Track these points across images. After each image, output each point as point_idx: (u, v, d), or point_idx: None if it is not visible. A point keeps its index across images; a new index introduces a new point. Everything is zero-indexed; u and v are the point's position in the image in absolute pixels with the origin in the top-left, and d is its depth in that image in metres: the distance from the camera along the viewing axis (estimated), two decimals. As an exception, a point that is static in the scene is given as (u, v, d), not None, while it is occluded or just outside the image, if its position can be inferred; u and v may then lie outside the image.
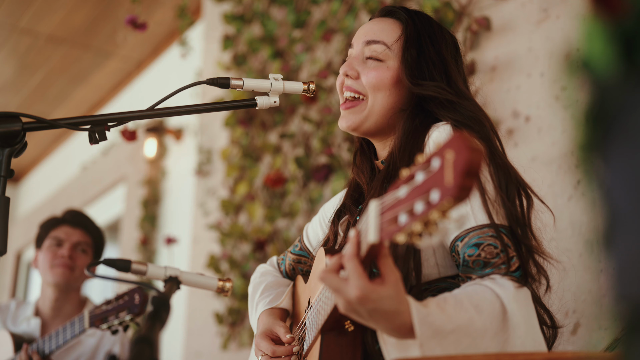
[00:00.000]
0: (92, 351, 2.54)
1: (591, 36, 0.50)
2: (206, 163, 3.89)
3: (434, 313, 1.04)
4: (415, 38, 1.45)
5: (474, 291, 1.13)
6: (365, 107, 1.45)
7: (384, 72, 1.44)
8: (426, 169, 0.84)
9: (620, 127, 0.49)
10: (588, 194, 0.53)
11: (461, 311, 1.07)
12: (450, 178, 0.79)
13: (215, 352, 3.51)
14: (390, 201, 0.91)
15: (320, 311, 1.25)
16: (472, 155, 0.78)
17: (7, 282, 6.73)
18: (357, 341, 1.22)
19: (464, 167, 0.78)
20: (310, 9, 3.23)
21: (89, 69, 5.29)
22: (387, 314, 1.00)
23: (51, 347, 2.29)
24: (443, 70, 1.44)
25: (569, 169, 1.96)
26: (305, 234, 1.73)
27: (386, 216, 0.91)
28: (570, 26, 2.05)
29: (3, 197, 1.20)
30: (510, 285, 1.14)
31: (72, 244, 2.56)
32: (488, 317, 1.08)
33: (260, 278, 1.70)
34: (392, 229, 0.89)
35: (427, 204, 0.82)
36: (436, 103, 1.41)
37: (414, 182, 0.86)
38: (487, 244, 1.20)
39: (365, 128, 1.47)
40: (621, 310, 0.48)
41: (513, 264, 1.19)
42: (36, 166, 6.97)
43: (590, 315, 1.81)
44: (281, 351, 1.41)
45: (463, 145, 0.79)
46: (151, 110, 1.35)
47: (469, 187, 0.78)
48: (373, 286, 0.98)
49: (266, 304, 1.57)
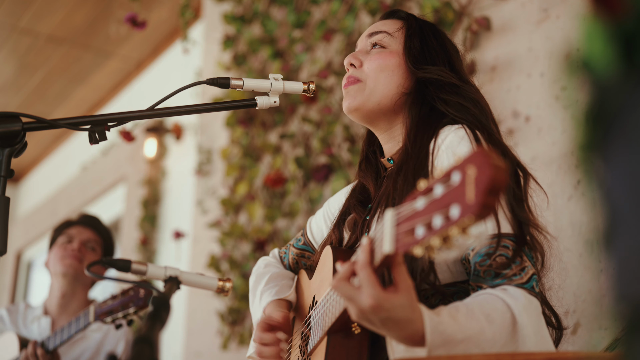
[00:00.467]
0: (96, 346, 2.57)
1: (591, 36, 0.50)
2: (206, 163, 3.89)
3: (446, 322, 1.04)
4: (418, 30, 1.50)
5: (485, 300, 1.13)
6: (364, 86, 1.46)
7: (386, 56, 1.47)
8: (446, 182, 0.83)
9: (620, 127, 0.49)
10: (588, 194, 0.53)
11: (472, 320, 1.07)
12: (472, 195, 0.78)
13: (215, 352, 3.51)
14: (407, 212, 0.90)
15: (328, 313, 1.25)
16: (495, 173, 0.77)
17: (7, 282, 6.73)
18: (364, 343, 1.22)
19: (487, 185, 0.76)
20: (310, 9, 3.23)
21: (89, 69, 5.29)
22: (399, 322, 1.00)
23: (56, 343, 2.32)
24: (446, 58, 1.48)
25: (569, 169, 1.96)
26: (308, 228, 1.72)
27: (402, 227, 0.91)
28: (570, 26, 2.05)
29: (3, 197, 1.20)
30: (522, 296, 1.14)
31: (82, 240, 2.65)
32: (498, 328, 1.08)
33: (264, 269, 1.69)
34: (408, 241, 0.89)
35: (446, 219, 0.81)
36: (439, 87, 1.42)
37: (432, 194, 0.85)
38: (499, 255, 1.18)
39: (369, 108, 1.46)
40: (621, 310, 0.48)
41: (525, 275, 1.18)
42: (36, 166, 6.97)
43: (590, 315, 1.81)
44: (267, 338, 1.42)
45: (486, 161, 0.77)
46: (151, 110, 1.35)
47: (491, 205, 0.77)
48: (387, 295, 0.98)
49: (273, 294, 1.56)
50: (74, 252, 2.61)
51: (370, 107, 1.46)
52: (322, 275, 1.43)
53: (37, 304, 2.77)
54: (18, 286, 6.69)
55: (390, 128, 1.49)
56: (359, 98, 1.46)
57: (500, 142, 1.34)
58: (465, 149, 1.28)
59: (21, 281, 6.70)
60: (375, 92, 1.45)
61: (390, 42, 1.49)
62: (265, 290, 1.59)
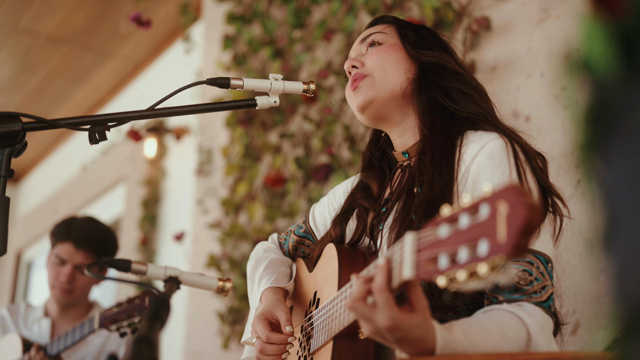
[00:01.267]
0: (98, 350, 2.57)
1: (591, 36, 0.50)
2: (206, 163, 3.89)
3: (458, 339, 1.04)
4: (408, 25, 1.53)
5: (499, 318, 1.12)
6: (374, 80, 1.45)
7: (386, 48, 1.48)
8: (473, 214, 0.81)
9: (620, 127, 0.49)
10: (588, 194, 0.53)
11: (486, 338, 1.07)
12: (503, 234, 0.75)
13: (215, 352, 3.51)
14: (428, 239, 0.88)
15: (334, 319, 1.24)
16: (530, 214, 0.74)
17: (7, 282, 6.73)
18: (369, 348, 1.22)
19: (521, 227, 0.74)
20: (310, 9, 3.23)
21: (89, 69, 5.29)
22: (413, 341, 1.00)
23: (59, 348, 2.33)
24: (442, 47, 1.50)
25: (569, 169, 1.96)
26: (311, 215, 1.70)
27: (424, 254, 0.89)
28: (570, 26, 2.05)
29: (3, 197, 1.20)
30: (539, 314, 1.13)
31: (74, 264, 2.55)
32: (512, 346, 1.08)
33: (263, 254, 1.68)
34: (430, 269, 0.87)
35: (473, 254, 0.79)
36: (439, 74, 1.43)
37: (457, 225, 0.83)
38: (523, 270, 1.17)
39: (383, 99, 1.44)
40: (621, 310, 0.48)
41: (544, 294, 1.17)
42: (36, 166, 6.97)
43: (590, 315, 1.81)
44: (276, 339, 1.40)
45: (520, 201, 0.75)
46: (151, 110, 1.35)
47: (524, 246, 0.75)
48: (404, 316, 0.98)
49: (271, 281, 1.54)
50: (63, 284, 2.53)
51: (384, 97, 1.44)
52: (325, 274, 1.42)
53: (38, 304, 2.77)
54: (18, 286, 6.69)
55: (403, 120, 1.47)
56: (372, 91, 1.44)
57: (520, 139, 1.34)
58: (498, 173, 1.25)
59: (21, 281, 6.70)
60: (386, 82, 1.44)
61: (385, 38, 1.50)
62: (263, 276, 1.57)
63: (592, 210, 0.51)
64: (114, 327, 2.10)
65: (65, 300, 2.59)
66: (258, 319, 1.44)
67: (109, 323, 2.12)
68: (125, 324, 2.07)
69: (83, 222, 2.62)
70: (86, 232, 2.57)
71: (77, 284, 2.57)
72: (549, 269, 1.20)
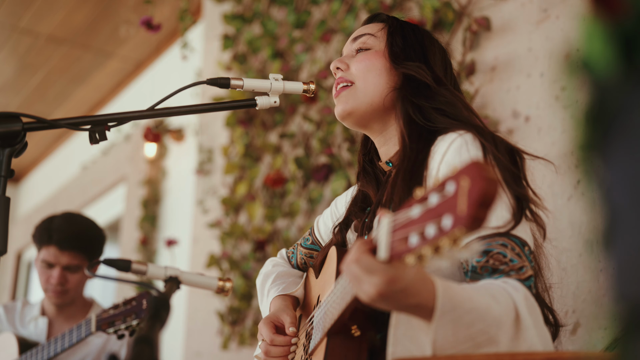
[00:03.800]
0: (98, 352, 2.56)
1: (591, 36, 0.50)
2: (207, 162, 3.89)
3: (455, 288, 1.04)
4: (399, 29, 1.53)
5: (489, 284, 1.13)
6: (355, 90, 1.47)
7: (371, 56, 1.49)
8: (441, 191, 0.83)
9: (620, 127, 0.49)
10: (588, 194, 0.53)
11: (479, 296, 1.07)
12: (463, 207, 0.78)
13: (215, 352, 3.51)
14: (402, 220, 0.90)
15: (328, 314, 1.25)
16: (487, 186, 0.76)
17: (7, 282, 6.73)
18: (363, 346, 1.22)
19: (478, 198, 0.76)
20: (310, 9, 3.23)
21: (89, 69, 5.29)
22: (413, 288, 0.99)
23: (56, 350, 2.31)
24: (422, 54, 1.49)
25: (569, 169, 1.96)
26: (316, 227, 1.72)
27: (397, 235, 0.91)
28: (570, 26, 2.05)
29: (3, 197, 1.20)
30: (521, 288, 1.13)
31: (62, 266, 2.52)
32: (504, 309, 1.07)
33: (272, 268, 1.70)
34: (402, 249, 0.89)
35: (439, 229, 0.81)
36: (413, 86, 1.43)
37: (427, 203, 0.85)
38: (496, 252, 1.18)
39: (362, 110, 1.46)
40: (621, 310, 0.48)
41: (523, 274, 1.17)
42: (36, 166, 6.97)
43: (590, 315, 1.81)
44: (279, 340, 1.42)
45: (478, 174, 0.77)
46: (151, 110, 1.35)
47: (482, 218, 0.77)
48: (400, 267, 0.97)
49: (279, 290, 1.56)
50: (55, 287, 2.52)
51: (364, 108, 1.46)
52: (326, 276, 1.44)
53: (36, 301, 2.75)
54: (18, 286, 6.69)
55: (384, 129, 1.49)
56: (352, 101, 1.46)
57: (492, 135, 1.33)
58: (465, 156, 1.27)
59: (21, 281, 6.71)
60: (367, 92, 1.46)
61: (374, 42, 1.51)
62: (272, 287, 1.60)
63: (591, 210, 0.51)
64: (111, 330, 2.09)
65: (61, 301, 2.58)
66: (264, 323, 1.47)
67: (106, 326, 2.11)
68: (123, 326, 2.06)
69: (63, 222, 2.54)
70: (67, 233, 2.51)
71: (70, 284, 2.54)
72: (526, 252, 1.20)
